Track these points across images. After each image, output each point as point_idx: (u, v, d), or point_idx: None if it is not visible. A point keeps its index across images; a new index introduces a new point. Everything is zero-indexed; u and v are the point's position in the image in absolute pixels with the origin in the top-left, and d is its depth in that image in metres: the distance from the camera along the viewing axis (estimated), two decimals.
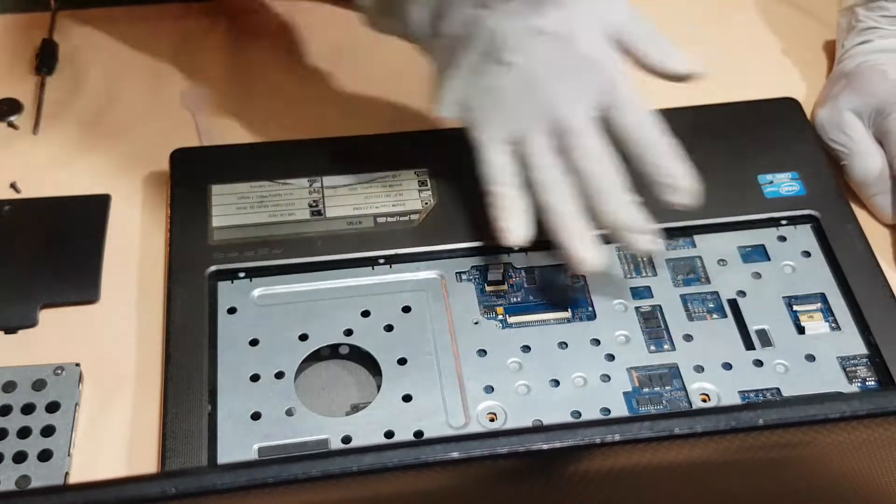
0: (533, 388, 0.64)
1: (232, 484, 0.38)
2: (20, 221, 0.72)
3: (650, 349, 0.66)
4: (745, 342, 0.66)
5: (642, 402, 0.63)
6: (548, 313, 0.67)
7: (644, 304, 0.68)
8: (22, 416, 0.62)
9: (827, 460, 0.46)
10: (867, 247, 0.70)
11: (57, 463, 0.60)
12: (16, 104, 0.79)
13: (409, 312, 0.67)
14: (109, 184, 0.74)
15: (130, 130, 0.78)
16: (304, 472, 0.39)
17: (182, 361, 0.63)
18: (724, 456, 0.44)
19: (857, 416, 0.42)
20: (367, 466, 0.39)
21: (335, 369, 0.65)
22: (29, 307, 0.67)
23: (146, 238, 0.71)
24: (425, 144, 0.74)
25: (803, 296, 0.68)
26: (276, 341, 0.65)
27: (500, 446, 0.40)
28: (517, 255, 0.70)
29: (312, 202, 0.72)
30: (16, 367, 0.63)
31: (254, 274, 0.68)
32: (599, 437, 0.40)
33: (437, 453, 0.40)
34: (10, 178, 0.74)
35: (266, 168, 0.73)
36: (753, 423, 0.41)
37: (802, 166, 0.74)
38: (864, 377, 0.64)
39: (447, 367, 0.64)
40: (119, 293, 0.69)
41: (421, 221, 0.71)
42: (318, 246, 0.69)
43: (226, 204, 0.71)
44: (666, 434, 0.41)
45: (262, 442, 0.61)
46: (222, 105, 0.80)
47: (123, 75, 0.82)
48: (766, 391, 0.64)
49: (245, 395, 0.62)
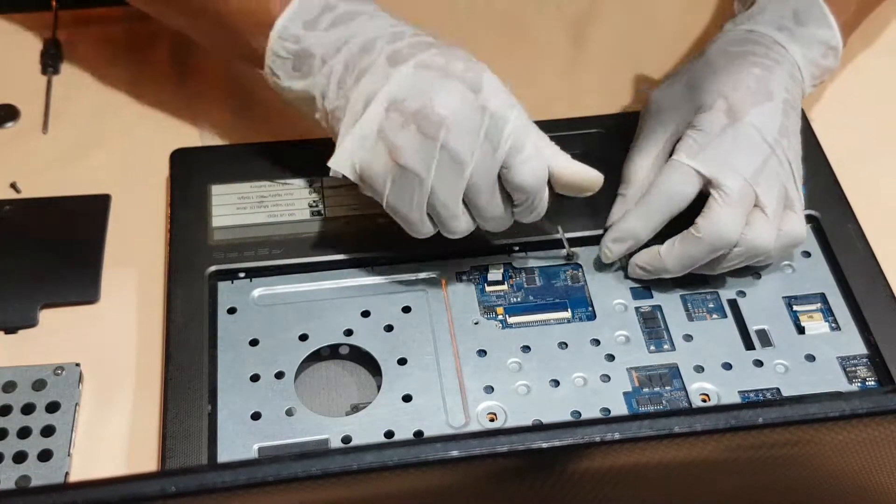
0: (533, 388, 0.64)
1: (232, 482, 0.38)
2: (20, 221, 0.72)
3: (650, 349, 0.66)
4: (745, 342, 0.66)
5: (642, 403, 0.63)
6: (548, 313, 0.67)
7: (644, 304, 0.68)
8: (22, 416, 0.62)
9: (827, 459, 0.45)
10: (867, 247, 0.70)
11: (57, 463, 0.60)
12: (13, 110, 0.79)
13: (409, 312, 0.67)
14: (109, 184, 0.74)
15: (130, 130, 0.78)
16: (304, 471, 0.39)
17: (182, 361, 0.63)
18: (724, 455, 0.44)
19: (856, 415, 0.42)
20: (367, 465, 0.39)
21: (335, 369, 0.65)
22: (29, 307, 0.67)
23: (146, 238, 0.71)
24: None
25: (803, 296, 0.68)
26: (276, 341, 0.65)
27: (500, 445, 0.40)
28: (517, 256, 0.70)
29: (312, 202, 0.72)
30: (16, 367, 0.63)
31: (254, 274, 0.68)
32: (599, 436, 0.40)
33: (437, 452, 0.40)
34: (10, 178, 0.74)
35: (266, 168, 0.73)
36: (753, 421, 0.41)
37: (802, 166, 0.74)
38: (864, 377, 0.64)
39: (447, 367, 0.64)
40: (119, 293, 0.69)
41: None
42: (318, 246, 0.69)
43: (226, 204, 0.71)
44: (666, 432, 0.41)
45: (262, 442, 0.61)
46: (222, 105, 0.80)
47: (123, 75, 0.82)
48: (765, 391, 0.64)
49: (245, 395, 0.62)
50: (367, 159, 0.63)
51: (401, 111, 0.62)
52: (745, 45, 0.71)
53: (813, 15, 0.73)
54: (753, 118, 0.67)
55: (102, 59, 0.83)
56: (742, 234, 0.65)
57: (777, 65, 0.70)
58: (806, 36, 0.72)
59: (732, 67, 0.70)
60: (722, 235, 0.65)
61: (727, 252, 0.66)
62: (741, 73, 0.69)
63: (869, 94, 0.83)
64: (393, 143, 0.62)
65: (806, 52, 0.72)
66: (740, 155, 0.66)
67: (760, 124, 0.67)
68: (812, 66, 0.72)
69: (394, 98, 0.63)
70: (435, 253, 0.69)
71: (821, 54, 0.73)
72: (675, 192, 0.66)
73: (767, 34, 0.72)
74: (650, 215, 0.67)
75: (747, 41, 0.72)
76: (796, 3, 0.73)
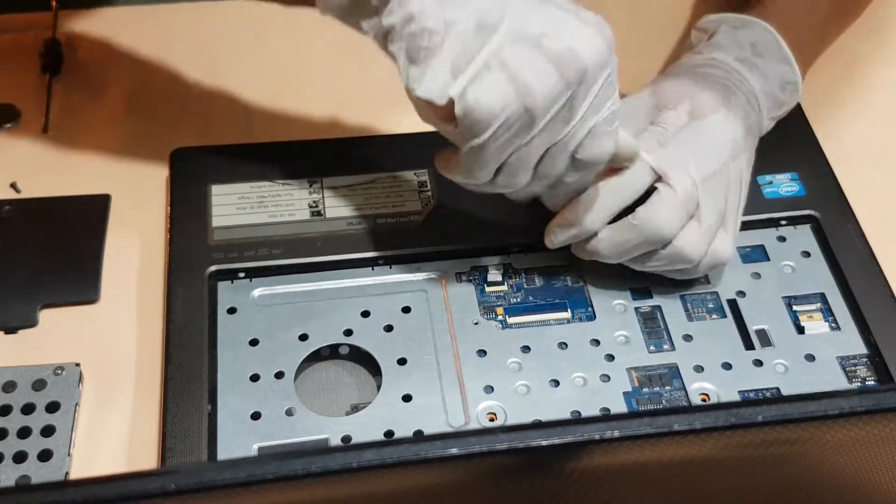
0: (533, 388, 0.64)
1: (232, 480, 0.38)
2: (20, 221, 0.72)
3: (650, 349, 0.66)
4: (745, 342, 0.66)
5: (642, 402, 0.63)
6: (547, 314, 0.67)
7: (644, 305, 0.68)
8: (22, 416, 0.62)
9: (826, 457, 0.45)
10: (867, 247, 0.70)
11: (57, 463, 0.60)
12: (13, 110, 0.79)
13: (409, 312, 0.67)
14: (109, 184, 0.74)
15: (130, 130, 0.78)
16: (304, 469, 0.39)
17: (182, 361, 0.63)
18: (724, 453, 0.44)
19: (855, 413, 0.42)
20: (366, 463, 0.39)
21: (335, 369, 0.65)
22: (29, 307, 0.67)
23: (146, 238, 0.71)
24: (425, 145, 0.74)
25: (803, 296, 0.68)
26: (276, 341, 0.65)
27: (500, 442, 0.40)
28: (517, 256, 0.70)
29: (312, 202, 0.72)
30: (16, 367, 0.63)
31: (254, 274, 0.68)
32: (599, 434, 0.40)
33: (436, 449, 0.40)
34: (10, 178, 0.74)
35: (266, 168, 0.73)
36: (753, 419, 0.41)
37: (802, 166, 0.74)
38: (863, 377, 0.64)
39: (447, 367, 0.64)
40: (119, 293, 0.69)
41: (421, 222, 0.71)
42: (318, 246, 0.69)
43: (226, 204, 0.71)
44: (665, 430, 0.41)
45: (261, 442, 0.61)
46: (223, 105, 0.80)
47: (123, 75, 0.82)
48: (765, 391, 0.64)
49: (245, 395, 0.62)
50: (483, 93, 0.56)
51: (537, 47, 0.57)
52: (705, 68, 0.71)
53: (770, 48, 0.72)
54: (714, 122, 0.67)
55: (102, 59, 0.83)
56: (674, 239, 0.64)
57: (737, 88, 0.70)
58: (763, 68, 0.71)
59: (697, 79, 0.70)
60: (659, 228, 0.64)
61: (656, 249, 0.65)
62: (706, 83, 0.69)
63: (869, 94, 0.83)
64: (525, 81, 0.56)
65: (764, 84, 0.71)
66: (696, 156, 0.65)
67: (719, 130, 0.67)
68: (769, 98, 0.72)
69: (523, 31, 0.57)
70: (435, 253, 0.69)
71: (779, 87, 0.72)
72: (624, 184, 0.65)
73: (728, 63, 0.71)
74: (598, 205, 0.65)
75: (708, 65, 0.71)
76: (754, 36, 0.73)
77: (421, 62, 0.57)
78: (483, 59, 0.56)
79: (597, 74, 0.58)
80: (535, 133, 0.58)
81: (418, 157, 0.74)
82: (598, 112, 0.59)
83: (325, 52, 0.84)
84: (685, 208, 0.64)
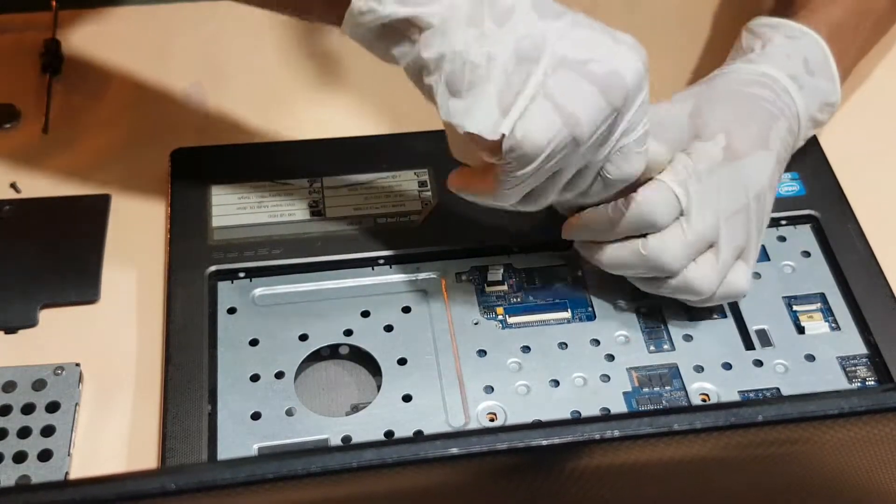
0: (533, 388, 0.64)
1: (232, 480, 0.38)
2: (20, 221, 0.72)
3: (650, 349, 0.66)
4: (745, 342, 0.66)
5: (642, 403, 0.63)
6: (548, 314, 0.67)
7: (644, 305, 0.68)
8: (22, 416, 0.62)
9: (826, 457, 0.45)
10: (867, 247, 0.70)
11: (57, 463, 0.60)
12: (13, 110, 0.79)
13: (409, 312, 0.67)
14: (109, 184, 0.74)
15: (130, 130, 0.78)
16: (304, 468, 0.39)
17: (182, 361, 0.63)
18: (724, 453, 0.44)
19: (855, 413, 0.42)
20: (366, 462, 0.39)
21: (335, 369, 0.65)
22: (29, 307, 0.67)
23: (146, 238, 0.71)
24: (425, 144, 0.74)
25: (803, 296, 0.68)
26: (276, 341, 0.65)
27: (500, 442, 0.40)
28: (517, 256, 0.70)
29: (312, 202, 0.72)
30: (16, 367, 0.63)
31: (254, 274, 0.68)
32: (599, 433, 0.40)
33: (436, 449, 0.40)
34: (10, 178, 0.74)
35: (266, 168, 0.73)
36: (753, 419, 0.41)
37: (802, 166, 0.74)
38: (863, 377, 0.64)
39: (447, 367, 0.64)
40: (119, 293, 0.69)
41: (421, 222, 0.71)
42: (318, 246, 0.69)
43: (226, 204, 0.71)
44: (665, 430, 0.41)
45: (261, 442, 0.61)
46: (223, 105, 0.80)
47: (123, 75, 0.82)
48: (765, 391, 0.64)
49: (245, 395, 0.62)
50: (532, 127, 0.55)
51: (580, 73, 0.56)
52: (754, 86, 0.69)
53: (819, 65, 0.71)
54: (748, 164, 0.65)
55: (102, 59, 0.83)
56: (685, 270, 0.64)
57: (782, 115, 0.69)
58: (810, 87, 0.70)
59: (739, 106, 0.68)
60: (666, 263, 0.63)
61: (662, 277, 0.64)
62: (747, 114, 0.67)
63: (869, 94, 0.83)
64: (571, 110, 0.55)
65: (808, 107, 0.70)
66: (722, 196, 0.64)
67: (752, 173, 0.65)
68: (809, 121, 0.71)
69: (565, 58, 0.56)
70: (435, 253, 0.69)
71: (818, 108, 0.71)
72: (650, 212, 0.63)
73: (780, 80, 0.70)
74: (619, 225, 0.64)
75: (757, 83, 0.70)
76: (807, 50, 0.71)
77: (464, 95, 0.56)
78: (530, 92, 0.55)
79: (636, 96, 0.57)
80: (576, 158, 0.58)
81: (418, 157, 0.74)
82: (632, 133, 0.59)
83: (326, 51, 0.84)
84: (698, 246, 0.63)
